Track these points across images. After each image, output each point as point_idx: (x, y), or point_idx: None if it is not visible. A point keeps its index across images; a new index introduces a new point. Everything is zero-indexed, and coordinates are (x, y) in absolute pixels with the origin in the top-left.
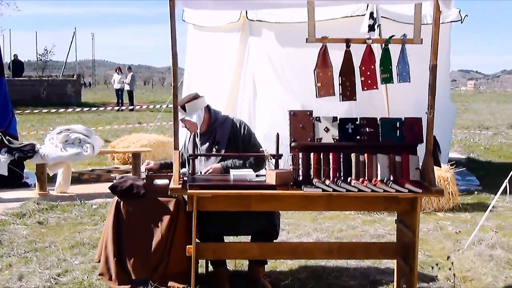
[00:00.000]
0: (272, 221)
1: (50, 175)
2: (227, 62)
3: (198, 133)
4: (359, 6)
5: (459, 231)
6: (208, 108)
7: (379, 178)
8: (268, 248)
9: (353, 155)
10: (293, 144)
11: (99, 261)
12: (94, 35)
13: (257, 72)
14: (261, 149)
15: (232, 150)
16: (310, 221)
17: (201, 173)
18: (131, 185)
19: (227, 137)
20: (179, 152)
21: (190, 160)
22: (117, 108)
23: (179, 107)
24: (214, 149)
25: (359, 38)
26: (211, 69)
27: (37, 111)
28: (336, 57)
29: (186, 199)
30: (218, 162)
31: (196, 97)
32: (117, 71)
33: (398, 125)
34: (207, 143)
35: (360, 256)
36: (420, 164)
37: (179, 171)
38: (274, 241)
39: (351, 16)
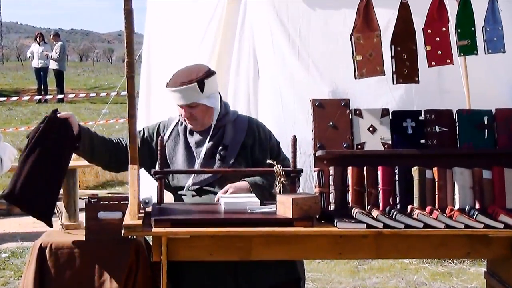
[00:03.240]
0: (293, 272)
1: None
2: (209, 26)
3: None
4: None
5: None
6: (219, 94)
7: (457, 207)
8: None
9: (415, 170)
10: (319, 153)
11: None
12: None
13: (259, 40)
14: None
15: (244, 162)
16: (348, 275)
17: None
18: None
19: (241, 142)
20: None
21: (156, 178)
22: (37, 98)
23: (192, 83)
24: (218, 155)
25: None
26: (185, 36)
27: None
28: (386, 14)
29: (150, 243)
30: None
31: (210, 71)
32: (38, 39)
33: (486, 122)
34: (209, 144)
35: None
36: None
37: (139, 197)
38: None
39: None
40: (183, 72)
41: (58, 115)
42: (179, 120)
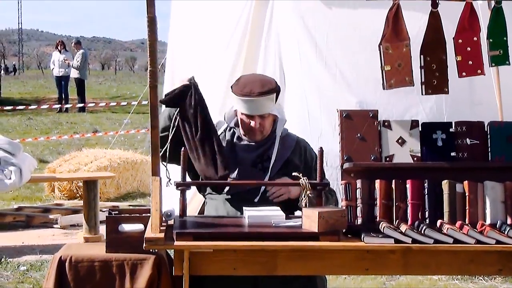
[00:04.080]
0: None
1: None
2: (235, 34)
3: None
4: None
5: None
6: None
7: (488, 222)
8: None
9: (445, 184)
10: (346, 165)
11: None
12: None
13: (285, 49)
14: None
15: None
16: None
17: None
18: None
19: (285, 158)
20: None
21: (179, 189)
22: (58, 107)
23: (271, 93)
24: (260, 165)
25: None
26: (208, 45)
27: None
28: (416, 23)
29: (172, 257)
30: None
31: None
32: (59, 47)
33: None
34: (254, 154)
35: None
36: None
37: (161, 209)
38: None
39: None
40: (255, 81)
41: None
42: (227, 126)
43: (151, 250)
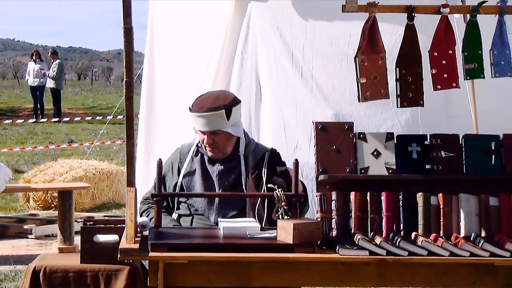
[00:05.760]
0: None
1: None
2: (211, 45)
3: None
4: None
5: None
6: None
7: (463, 234)
8: None
9: (420, 196)
10: (321, 177)
11: None
12: None
13: (261, 59)
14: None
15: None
16: None
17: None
18: None
19: (258, 171)
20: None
21: (154, 200)
22: (33, 119)
23: (220, 109)
24: (239, 189)
25: (428, 6)
26: (185, 58)
27: None
28: (392, 36)
29: (147, 267)
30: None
31: (236, 99)
32: (34, 57)
33: (493, 147)
34: (230, 180)
35: None
36: None
37: (136, 220)
38: None
39: None
40: (209, 97)
41: None
42: (194, 150)
43: (126, 261)
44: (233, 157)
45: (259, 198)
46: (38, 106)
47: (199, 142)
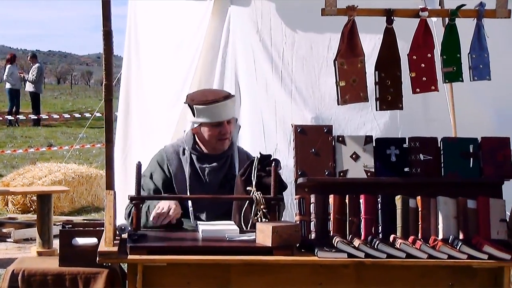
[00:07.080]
0: None
1: None
2: (191, 49)
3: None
4: None
5: None
6: None
7: (441, 237)
8: None
9: (398, 199)
10: (300, 180)
11: None
12: None
13: (241, 64)
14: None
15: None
16: None
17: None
18: None
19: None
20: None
21: (133, 203)
22: (9, 120)
23: (232, 96)
24: (226, 187)
25: (407, 9)
26: (164, 61)
27: None
28: (371, 39)
29: (126, 270)
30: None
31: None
32: (10, 61)
33: (471, 150)
34: (220, 176)
35: None
36: (508, 213)
37: (115, 224)
38: None
39: None
40: (208, 91)
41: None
42: (181, 149)
43: (104, 264)
44: (222, 155)
45: (247, 201)
46: (15, 110)
47: (192, 147)
